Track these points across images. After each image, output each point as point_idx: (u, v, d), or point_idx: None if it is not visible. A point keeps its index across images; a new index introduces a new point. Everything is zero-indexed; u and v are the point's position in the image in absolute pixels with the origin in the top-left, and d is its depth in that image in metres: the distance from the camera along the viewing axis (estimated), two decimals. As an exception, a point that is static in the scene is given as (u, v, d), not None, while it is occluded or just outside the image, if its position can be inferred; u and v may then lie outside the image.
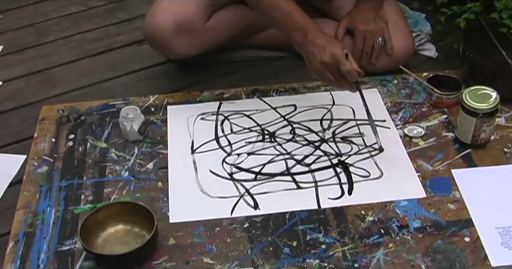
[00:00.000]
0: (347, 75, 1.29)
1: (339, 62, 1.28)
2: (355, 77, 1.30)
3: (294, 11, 1.32)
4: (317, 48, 1.29)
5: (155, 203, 1.28)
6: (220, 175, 1.34)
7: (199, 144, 1.42)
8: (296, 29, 1.32)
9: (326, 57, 1.28)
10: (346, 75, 1.29)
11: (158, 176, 1.35)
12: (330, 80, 1.32)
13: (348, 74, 1.29)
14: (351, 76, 1.29)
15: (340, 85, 1.33)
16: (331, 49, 1.28)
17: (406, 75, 1.59)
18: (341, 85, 1.33)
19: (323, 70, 1.30)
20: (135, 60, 1.77)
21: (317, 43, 1.29)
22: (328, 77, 1.31)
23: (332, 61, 1.28)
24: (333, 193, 1.29)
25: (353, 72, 1.28)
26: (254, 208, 1.26)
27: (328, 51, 1.28)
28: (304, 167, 1.35)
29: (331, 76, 1.31)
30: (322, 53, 1.29)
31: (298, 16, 1.32)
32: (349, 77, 1.30)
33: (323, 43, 1.29)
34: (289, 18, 1.32)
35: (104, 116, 1.52)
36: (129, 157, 1.40)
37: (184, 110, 1.52)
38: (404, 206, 1.27)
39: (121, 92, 1.65)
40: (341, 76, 1.30)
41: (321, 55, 1.29)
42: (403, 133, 1.43)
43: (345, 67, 1.28)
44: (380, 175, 1.33)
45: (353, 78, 1.30)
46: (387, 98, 1.54)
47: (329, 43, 1.30)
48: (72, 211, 1.28)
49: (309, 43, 1.30)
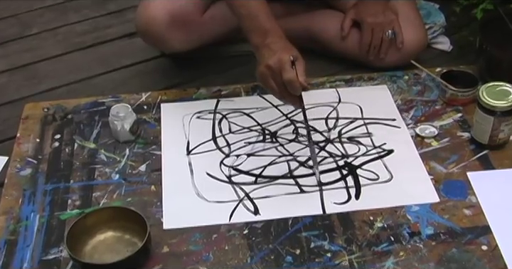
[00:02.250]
0: (288, 85, 1.24)
1: (282, 69, 1.23)
2: (297, 89, 1.24)
3: (260, 12, 1.31)
4: (269, 51, 1.26)
5: (148, 208, 1.28)
6: (217, 178, 1.34)
7: (195, 145, 1.42)
8: (256, 30, 1.30)
9: (272, 61, 1.24)
10: (287, 85, 1.24)
11: (151, 179, 1.35)
12: (272, 89, 1.27)
13: (289, 84, 1.23)
14: (292, 87, 1.24)
15: (282, 96, 1.28)
16: (280, 54, 1.25)
17: (418, 71, 1.59)
18: (283, 96, 1.28)
19: (266, 75, 1.26)
20: (126, 55, 1.78)
21: (271, 48, 1.26)
22: (271, 84, 1.26)
23: (277, 66, 1.24)
24: (339, 198, 1.29)
25: (294, 83, 1.23)
26: (255, 214, 1.27)
27: (277, 56, 1.24)
28: (308, 169, 1.35)
29: (273, 84, 1.26)
30: (271, 56, 1.25)
31: (263, 18, 1.30)
32: (290, 89, 1.24)
33: (278, 48, 1.26)
34: (253, 19, 1.31)
35: (93, 114, 1.52)
36: (120, 159, 1.40)
37: (179, 108, 1.52)
38: (415, 211, 1.27)
39: (111, 88, 1.65)
40: (284, 86, 1.25)
41: (268, 58, 1.25)
42: (414, 133, 1.43)
43: (286, 75, 1.23)
44: (389, 178, 1.33)
45: (295, 90, 1.24)
46: (397, 95, 1.54)
47: (283, 49, 1.26)
48: (58, 217, 1.28)
49: (265, 46, 1.28)
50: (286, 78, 1.23)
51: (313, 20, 1.68)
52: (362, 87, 1.58)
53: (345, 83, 1.59)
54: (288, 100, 1.29)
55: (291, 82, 1.23)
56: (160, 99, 1.55)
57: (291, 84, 1.23)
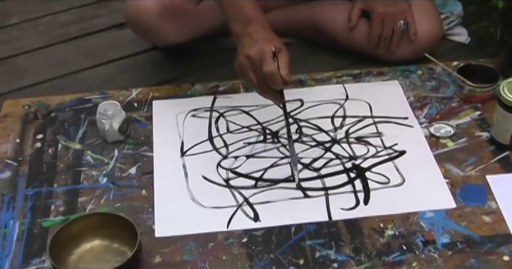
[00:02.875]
0: (268, 79, 1.24)
1: (263, 60, 1.23)
2: (277, 83, 1.24)
3: (244, 0, 1.31)
4: (250, 41, 1.27)
5: (138, 214, 1.29)
6: (214, 181, 1.35)
7: (190, 146, 1.43)
8: (239, 19, 1.30)
9: (253, 51, 1.25)
10: (267, 78, 1.24)
11: (142, 182, 1.35)
12: (251, 81, 1.27)
13: (269, 77, 1.24)
14: (272, 81, 1.24)
15: (262, 90, 1.28)
16: (262, 44, 1.25)
17: (432, 65, 1.60)
18: (263, 90, 1.28)
19: (246, 66, 1.26)
20: (115, 47, 1.78)
21: (253, 37, 1.27)
22: (250, 76, 1.27)
23: (257, 57, 1.24)
24: (346, 203, 1.30)
25: (275, 77, 1.23)
26: (254, 220, 1.27)
27: (258, 46, 1.25)
28: (313, 172, 1.36)
29: (253, 76, 1.26)
30: (252, 46, 1.26)
31: (247, 7, 1.31)
32: (270, 82, 1.25)
33: (260, 38, 1.27)
34: (237, 6, 1.31)
35: (79, 112, 1.52)
36: (108, 161, 1.40)
37: (172, 106, 1.53)
38: (430, 218, 1.27)
39: (98, 84, 1.66)
40: (265, 79, 1.25)
41: (249, 48, 1.26)
42: (429, 132, 1.44)
43: (267, 67, 1.23)
44: (401, 181, 1.34)
45: (275, 84, 1.25)
46: (410, 92, 1.55)
47: (265, 39, 1.27)
48: (40, 224, 1.28)
49: (246, 35, 1.28)
50: (266, 70, 1.23)
51: (318, 10, 1.68)
52: (371, 82, 1.59)
53: (352, 78, 1.60)
54: (268, 95, 1.29)
55: (271, 75, 1.23)
56: (151, 96, 1.56)
57: (272, 77, 1.23)
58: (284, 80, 1.24)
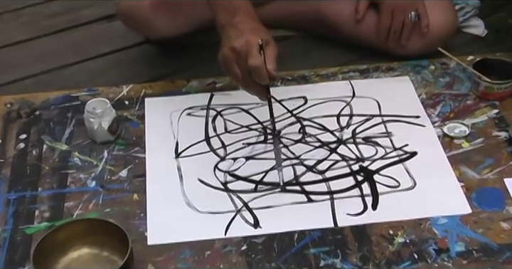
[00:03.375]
0: (253, 73, 1.24)
1: (249, 53, 1.23)
2: (263, 78, 1.24)
3: None
4: (236, 32, 1.27)
5: (129, 220, 1.29)
6: (211, 185, 1.35)
7: (185, 146, 1.43)
8: (225, 8, 1.31)
9: (238, 43, 1.25)
10: (252, 73, 1.24)
11: (133, 186, 1.36)
12: (235, 75, 1.27)
13: (255, 71, 1.23)
14: (258, 75, 1.24)
15: (246, 85, 1.28)
16: (249, 36, 1.25)
17: (446, 59, 1.60)
18: (247, 85, 1.28)
19: (230, 58, 1.26)
20: (104, 41, 1.78)
21: (239, 27, 1.27)
22: (234, 70, 1.26)
23: (243, 50, 1.24)
24: (353, 208, 1.30)
25: (260, 71, 1.23)
26: (254, 227, 1.27)
27: (244, 37, 1.25)
28: (317, 175, 1.36)
29: (237, 69, 1.26)
30: (237, 37, 1.26)
31: None
32: (255, 76, 1.25)
33: (246, 29, 1.27)
34: None
35: (65, 111, 1.53)
36: (97, 163, 1.41)
37: (166, 104, 1.53)
38: (443, 224, 1.27)
39: (86, 80, 1.66)
40: (249, 73, 1.25)
41: (234, 40, 1.26)
42: (442, 132, 1.44)
43: (252, 60, 1.23)
44: (412, 185, 1.34)
45: (260, 79, 1.25)
46: (421, 88, 1.55)
47: (252, 30, 1.27)
48: (24, 231, 1.28)
49: (232, 25, 1.28)
50: (251, 64, 1.23)
51: (323, 1, 1.68)
52: (380, 78, 1.59)
53: (360, 74, 1.60)
54: (252, 90, 1.29)
55: (257, 69, 1.23)
56: (144, 93, 1.56)
57: (257, 71, 1.24)
58: (271, 75, 1.24)
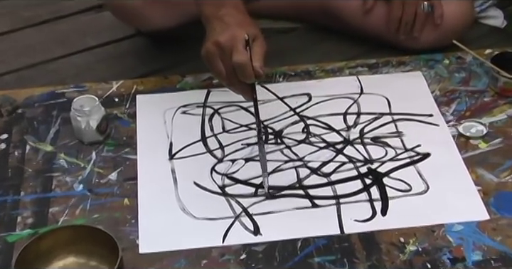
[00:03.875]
0: (238, 70, 1.24)
1: (234, 48, 1.23)
2: (248, 76, 1.24)
3: None
4: (222, 25, 1.27)
5: (120, 226, 1.29)
6: (207, 189, 1.35)
7: (180, 147, 1.43)
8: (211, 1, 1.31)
9: (223, 37, 1.25)
10: (237, 70, 1.24)
11: (124, 190, 1.36)
12: (218, 72, 1.27)
13: (240, 68, 1.23)
14: (243, 73, 1.24)
15: (231, 82, 1.28)
16: (235, 30, 1.25)
17: (462, 53, 1.60)
18: (231, 83, 1.28)
19: (213, 54, 1.26)
20: (92, 33, 1.79)
21: (225, 20, 1.27)
22: (218, 66, 1.27)
23: (228, 44, 1.24)
24: (361, 214, 1.30)
25: (245, 68, 1.23)
26: (255, 234, 1.28)
27: (230, 31, 1.25)
28: (322, 178, 1.37)
29: (220, 65, 1.26)
30: (222, 31, 1.26)
31: None
32: (240, 74, 1.24)
33: (233, 22, 1.27)
34: None
35: (50, 108, 1.53)
36: (84, 165, 1.41)
37: (159, 101, 1.53)
38: (458, 231, 1.27)
39: (73, 75, 1.66)
40: (234, 71, 1.25)
41: (219, 34, 1.26)
42: (457, 132, 1.44)
43: (237, 56, 1.23)
44: (424, 189, 1.34)
45: (246, 77, 1.25)
46: (435, 84, 1.55)
47: (239, 24, 1.27)
48: (5, 239, 1.28)
49: (217, 18, 1.29)
50: (236, 60, 1.23)
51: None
52: (390, 74, 1.60)
53: (368, 69, 1.61)
54: (237, 89, 1.30)
55: (241, 66, 1.23)
56: (135, 90, 1.56)
57: (242, 69, 1.24)
58: (257, 73, 1.24)
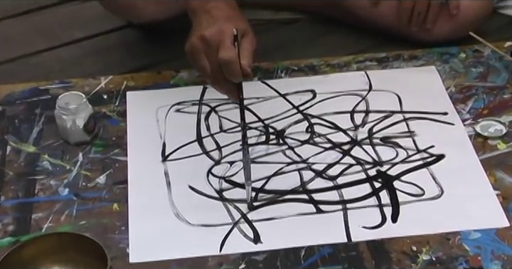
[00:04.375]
0: (224, 67, 1.24)
1: (221, 44, 1.24)
2: (235, 74, 1.24)
3: None
4: (208, 19, 1.27)
5: (108, 234, 1.29)
6: (203, 193, 1.35)
7: (174, 148, 1.43)
8: None
9: (209, 32, 1.25)
10: (223, 67, 1.24)
11: (113, 194, 1.36)
12: (203, 68, 1.27)
13: (226, 65, 1.23)
14: (229, 71, 1.24)
15: (216, 80, 1.28)
16: (222, 24, 1.25)
17: (479, 46, 1.60)
18: (216, 81, 1.28)
19: (198, 49, 1.26)
20: (78, 24, 1.78)
21: (212, 14, 1.28)
22: (202, 62, 1.27)
23: (214, 39, 1.24)
24: (369, 220, 1.30)
25: (232, 66, 1.23)
26: (255, 242, 1.28)
27: (217, 26, 1.25)
28: (327, 182, 1.37)
29: (205, 62, 1.26)
30: (209, 26, 1.26)
31: None
32: (226, 72, 1.24)
33: (220, 16, 1.27)
34: None
35: (33, 106, 1.53)
36: (70, 167, 1.41)
37: (151, 98, 1.54)
38: (476, 239, 1.27)
39: (58, 71, 1.66)
40: (220, 68, 1.25)
41: (206, 28, 1.26)
42: (474, 132, 1.45)
43: (224, 52, 1.23)
44: (439, 193, 1.34)
45: (232, 75, 1.24)
46: (450, 80, 1.55)
47: (227, 18, 1.27)
48: (-15, 247, 1.29)
49: (205, 12, 1.29)
50: (222, 57, 1.23)
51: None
52: (401, 69, 1.60)
53: (378, 64, 1.61)
54: (222, 88, 1.30)
55: (228, 63, 1.23)
56: (125, 86, 1.56)
57: (229, 66, 1.24)
58: (245, 72, 1.24)
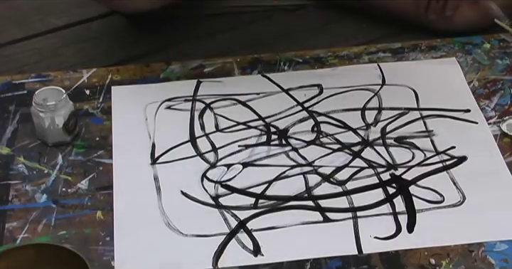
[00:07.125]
0: None
1: None
2: None
3: None
4: None
5: (91, 245, 1.29)
6: (197, 199, 1.36)
7: (164, 149, 1.44)
8: None
9: None
10: None
11: (96, 201, 1.36)
12: None
13: None
14: None
15: None
16: None
17: (505, 35, 1.60)
18: None
19: None
20: (57, 11, 1.78)
21: None
22: None
23: None
24: (382, 230, 1.30)
25: None
26: (254, 254, 1.28)
27: None
28: (335, 187, 1.37)
29: None
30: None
31: None
32: None
33: None
34: None
35: (7, 102, 1.53)
36: (49, 171, 1.41)
37: (139, 94, 1.54)
38: (502, 251, 1.27)
39: (34, 63, 1.66)
40: None
41: None
42: (500, 131, 1.45)
43: None
44: (460, 200, 1.34)
45: None
46: (473, 73, 1.56)
47: None
48: (-46, 259, 1.29)
49: None
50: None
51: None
52: (418, 60, 1.60)
53: (392, 55, 1.61)
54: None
55: None
56: (110, 80, 1.57)
57: None
58: None
